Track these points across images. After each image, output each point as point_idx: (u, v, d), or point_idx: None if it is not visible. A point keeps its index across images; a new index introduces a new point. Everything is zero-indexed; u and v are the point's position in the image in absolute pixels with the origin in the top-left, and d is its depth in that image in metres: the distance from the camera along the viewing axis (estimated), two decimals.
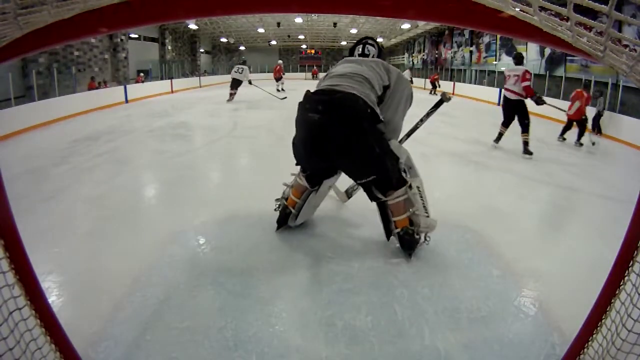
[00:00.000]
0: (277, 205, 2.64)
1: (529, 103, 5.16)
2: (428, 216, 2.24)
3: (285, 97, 11.49)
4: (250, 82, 11.02)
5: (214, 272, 2.08)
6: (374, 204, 2.29)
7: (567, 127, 6.36)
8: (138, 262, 2.18)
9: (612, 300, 1.13)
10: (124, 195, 3.40)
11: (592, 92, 7.39)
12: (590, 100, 6.37)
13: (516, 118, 5.23)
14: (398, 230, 2.21)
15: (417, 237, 2.24)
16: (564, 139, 6.34)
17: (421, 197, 2.22)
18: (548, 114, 9.18)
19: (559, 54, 9.61)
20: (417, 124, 2.65)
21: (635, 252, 1.06)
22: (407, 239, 2.20)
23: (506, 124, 5.42)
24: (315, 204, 2.61)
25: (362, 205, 2.73)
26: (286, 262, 2.21)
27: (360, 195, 2.77)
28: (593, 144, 6.10)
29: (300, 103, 2.17)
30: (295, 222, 2.56)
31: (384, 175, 2.09)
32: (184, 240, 2.50)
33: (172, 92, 14.85)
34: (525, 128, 5.06)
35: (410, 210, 2.18)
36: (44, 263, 2.11)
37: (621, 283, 1.10)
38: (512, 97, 5.17)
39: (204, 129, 7.00)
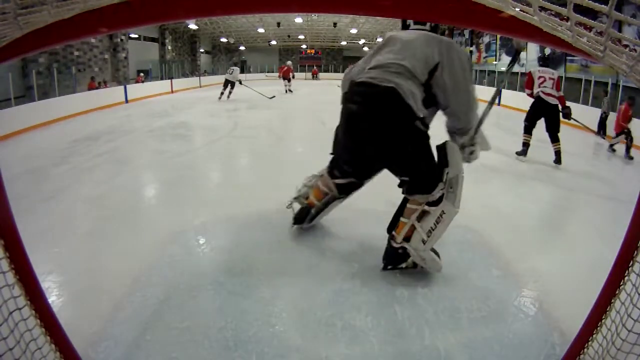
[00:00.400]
0: (289, 203, 2.60)
1: (529, 103, 5.03)
2: (425, 242, 1.96)
3: (274, 97, 11.76)
4: (240, 82, 11.46)
5: (213, 272, 2.08)
6: (375, 204, 2.27)
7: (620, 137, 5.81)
8: (138, 262, 2.18)
9: (612, 300, 1.13)
10: (124, 195, 3.40)
11: (607, 97, 7.22)
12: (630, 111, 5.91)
13: (544, 124, 4.75)
14: (394, 235, 2.07)
15: (405, 257, 2.06)
16: (614, 151, 5.86)
17: (436, 223, 1.94)
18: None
19: (559, 53, 9.60)
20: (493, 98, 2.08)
21: (635, 252, 1.06)
22: (391, 252, 2.06)
23: (531, 129, 4.85)
24: (332, 210, 2.56)
25: (362, 205, 2.73)
26: (286, 262, 2.21)
27: (361, 195, 2.77)
28: (614, 150, 5.71)
29: (344, 93, 2.13)
30: (309, 224, 2.55)
31: (416, 178, 1.94)
32: (184, 240, 2.50)
33: (172, 92, 14.85)
34: (557, 137, 4.66)
35: (417, 222, 1.97)
36: (44, 263, 2.10)
37: (621, 283, 1.10)
38: (553, 101, 4.65)
39: (204, 129, 7.00)
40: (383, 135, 1.89)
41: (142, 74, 14.46)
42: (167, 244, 2.41)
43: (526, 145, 4.89)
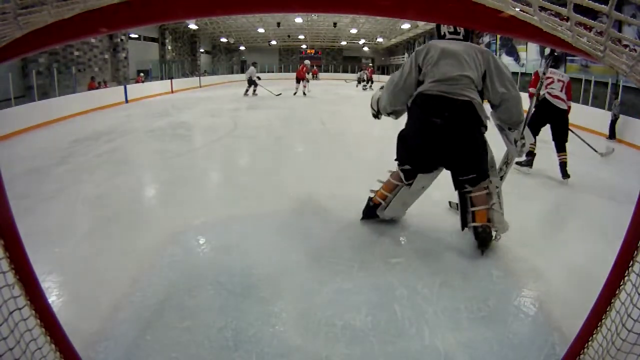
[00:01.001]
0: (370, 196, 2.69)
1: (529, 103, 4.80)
2: (503, 214, 2.37)
3: (280, 94, 12.61)
4: (258, 78, 12.95)
5: (214, 272, 2.08)
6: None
7: None
8: (138, 262, 2.18)
9: (612, 300, 1.13)
10: (124, 195, 3.40)
11: (618, 99, 7.19)
12: None
13: (550, 131, 4.20)
14: (477, 224, 2.30)
15: (493, 234, 2.33)
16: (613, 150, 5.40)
17: (499, 196, 2.39)
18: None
19: (559, 53, 9.60)
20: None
21: (635, 252, 1.06)
22: (484, 236, 2.28)
23: (535, 135, 4.11)
24: (406, 201, 2.62)
25: (363, 205, 2.73)
26: (286, 262, 2.21)
27: (363, 196, 2.77)
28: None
29: (417, 105, 2.32)
30: (385, 215, 2.64)
31: (481, 172, 2.30)
32: (184, 240, 2.50)
33: (172, 92, 14.84)
34: (564, 147, 4.10)
35: (490, 203, 2.30)
36: (44, 263, 2.10)
37: (621, 283, 1.10)
38: (561, 105, 4.11)
39: (204, 129, 7.00)
40: (463, 143, 2.24)
41: (142, 74, 14.46)
42: (167, 244, 2.41)
43: (531, 154, 4.23)
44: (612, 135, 7.08)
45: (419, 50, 2.35)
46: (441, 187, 3.62)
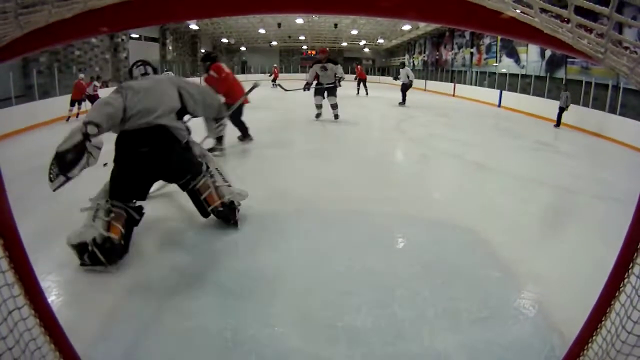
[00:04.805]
0: (77, 247, 2.13)
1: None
2: (230, 186, 2.67)
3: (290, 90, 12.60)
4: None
5: (213, 273, 2.08)
6: (371, 205, 2.27)
7: None
8: (138, 262, 2.18)
9: (612, 302, 1.12)
10: None
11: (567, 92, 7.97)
12: None
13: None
14: (213, 207, 2.55)
15: (234, 206, 2.61)
16: None
17: (220, 173, 2.69)
18: (543, 114, 9.24)
19: (559, 55, 9.61)
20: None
21: (635, 254, 1.06)
22: (224, 213, 2.58)
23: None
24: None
25: (363, 206, 2.73)
26: (286, 263, 2.21)
27: (366, 197, 2.77)
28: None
29: (122, 145, 2.44)
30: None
31: (194, 171, 2.57)
32: (184, 241, 2.50)
33: None
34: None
35: (213, 185, 2.58)
36: (44, 263, 2.10)
37: (621, 285, 1.10)
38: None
39: (204, 130, 6.98)
40: (172, 160, 2.44)
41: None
42: (167, 245, 2.41)
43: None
44: (558, 123, 8.13)
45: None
46: (441, 187, 3.62)
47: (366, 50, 28.08)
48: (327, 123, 7.55)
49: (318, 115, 7.75)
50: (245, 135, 5.45)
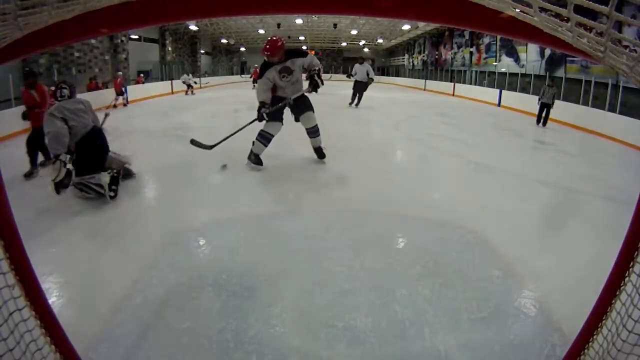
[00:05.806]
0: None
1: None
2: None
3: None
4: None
5: (214, 273, 2.08)
6: (371, 205, 2.26)
7: None
8: (138, 262, 2.18)
9: (613, 301, 1.12)
10: (123, 195, 3.40)
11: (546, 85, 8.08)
12: None
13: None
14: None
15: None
16: None
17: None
18: (528, 109, 9.30)
19: (559, 54, 9.61)
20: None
21: (636, 252, 1.06)
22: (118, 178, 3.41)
23: None
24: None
25: (363, 206, 2.73)
26: (286, 263, 2.21)
27: (366, 197, 2.77)
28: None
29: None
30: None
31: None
32: (184, 241, 2.50)
33: (172, 93, 14.86)
34: None
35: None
36: (44, 263, 2.10)
37: (622, 284, 1.10)
38: None
39: (204, 130, 6.98)
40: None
41: (142, 75, 14.47)
42: (167, 245, 2.41)
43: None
44: (539, 120, 8.16)
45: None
46: (441, 187, 3.62)
47: (366, 50, 28.08)
48: (330, 125, 7.54)
49: (257, 162, 4.33)
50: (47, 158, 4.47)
